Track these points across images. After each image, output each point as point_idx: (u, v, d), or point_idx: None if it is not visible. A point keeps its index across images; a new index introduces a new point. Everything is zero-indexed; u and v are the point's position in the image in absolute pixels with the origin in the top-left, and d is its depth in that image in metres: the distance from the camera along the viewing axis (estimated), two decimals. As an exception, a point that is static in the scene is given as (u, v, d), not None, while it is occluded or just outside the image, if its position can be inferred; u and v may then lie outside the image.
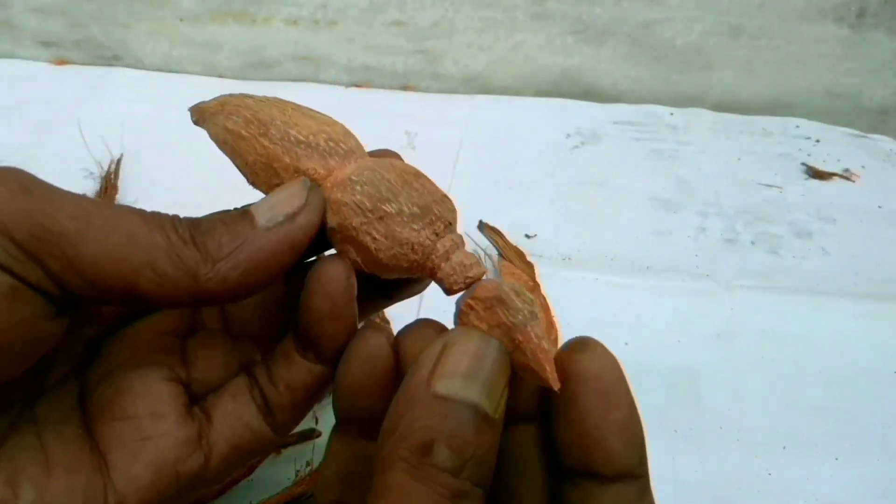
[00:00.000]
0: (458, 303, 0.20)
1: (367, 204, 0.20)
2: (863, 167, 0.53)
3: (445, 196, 0.21)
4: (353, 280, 0.20)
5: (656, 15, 0.56)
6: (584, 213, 0.50)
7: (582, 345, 0.19)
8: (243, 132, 0.21)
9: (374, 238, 0.20)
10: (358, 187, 0.20)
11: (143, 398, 0.20)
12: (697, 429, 0.37)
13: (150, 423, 0.20)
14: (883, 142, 0.55)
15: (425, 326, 0.21)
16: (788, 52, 0.56)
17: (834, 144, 0.55)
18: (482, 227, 0.47)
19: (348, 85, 0.62)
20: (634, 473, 0.18)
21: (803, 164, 0.54)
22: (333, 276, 0.20)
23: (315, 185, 0.20)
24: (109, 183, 0.50)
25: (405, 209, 0.20)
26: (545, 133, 0.56)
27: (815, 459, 0.36)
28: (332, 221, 0.20)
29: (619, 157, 0.54)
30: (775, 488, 0.35)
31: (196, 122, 0.22)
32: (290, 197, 0.20)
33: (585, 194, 0.51)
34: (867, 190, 0.51)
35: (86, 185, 0.51)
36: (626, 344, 0.41)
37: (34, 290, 0.17)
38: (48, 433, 0.19)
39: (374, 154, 0.23)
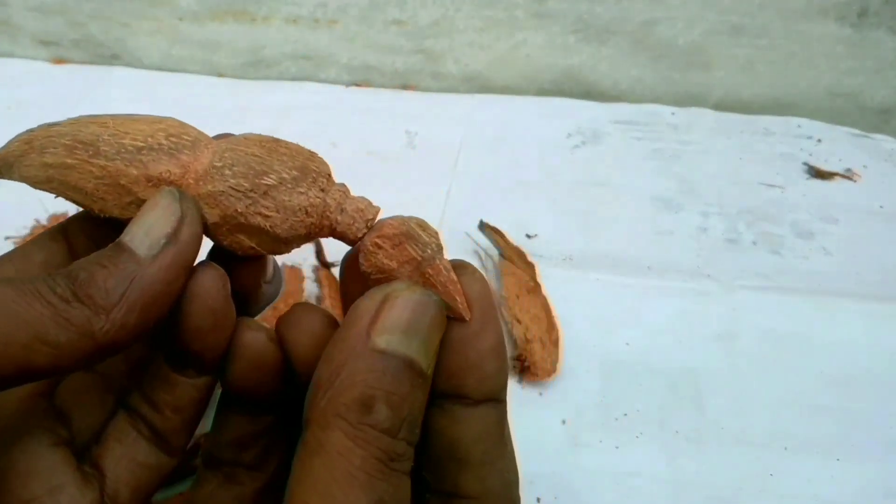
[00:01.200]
0: (356, 246, 0.20)
1: (245, 184, 0.19)
2: (864, 167, 0.53)
3: (312, 152, 0.20)
4: (228, 283, 0.19)
5: (657, 14, 0.56)
6: (585, 212, 0.49)
7: (461, 268, 0.18)
8: (69, 160, 0.19)
9: (266, 216, 0.19)
10: (227, 171, 0.19)
11: (34, 476, 0.19)
12: (698, 429, 0.37)
13: (51, 500, 0.19)
14: (885, 141, 0.55)
15: (306, 313, 0.20)
16: (790, 51, 0.56)
17: (835, 144, 0.55)
18: (483, 227, 0.47)
19: (348, 84, 0.61)
20: (499, 398, 0.18)
21: (805, 163, 0.53)
22: (211, 287, 0.19)
23: (181, 190, 0.19)
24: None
25: (285, 175, 0.19)
26: (546, 132, 0.56)
27: (816, 460, 0.36)
28: (213, 217, 0.19)
29: (621, 156, 0.54)
30: (777, 489, 0.35)
31: None
32: (163, 214, 0.18)
33: (586, 194, 0.51)
34: (869, 190, 0.51)
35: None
36: (628, 344, 0.41)
37: None
38: None
39: (216, 138, 0.21)
